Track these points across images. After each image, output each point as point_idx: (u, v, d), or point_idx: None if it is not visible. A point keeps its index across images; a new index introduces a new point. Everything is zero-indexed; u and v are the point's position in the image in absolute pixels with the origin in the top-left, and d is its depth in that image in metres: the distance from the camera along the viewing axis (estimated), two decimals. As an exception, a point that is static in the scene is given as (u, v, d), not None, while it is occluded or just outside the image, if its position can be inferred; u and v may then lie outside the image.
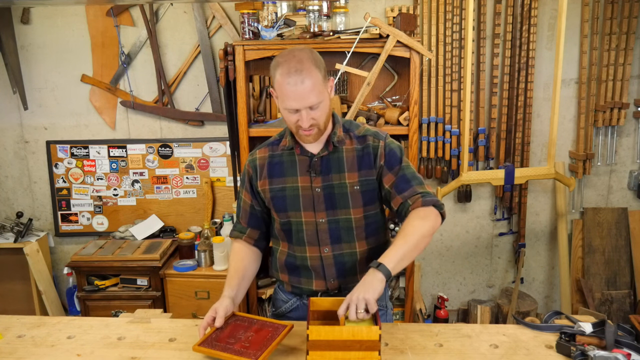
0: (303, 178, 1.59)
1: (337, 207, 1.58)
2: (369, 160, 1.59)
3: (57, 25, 3.03)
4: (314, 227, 1.60)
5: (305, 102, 1.44)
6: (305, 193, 1.59)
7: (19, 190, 3.29)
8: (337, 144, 1.58)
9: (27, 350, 1.50)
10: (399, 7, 2.87)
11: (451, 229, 3.26)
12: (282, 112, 1.52)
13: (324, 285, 1.64)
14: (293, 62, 1.43)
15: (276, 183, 1.61)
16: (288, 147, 1.60)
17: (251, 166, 1.66)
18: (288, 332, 1.47)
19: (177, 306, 2.77)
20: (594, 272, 3.13)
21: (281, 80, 1.44)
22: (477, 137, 3.03)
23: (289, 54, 1.47)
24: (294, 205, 1.59)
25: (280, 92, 1.46)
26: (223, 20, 2.93)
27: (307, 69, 1.42)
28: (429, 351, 1.46)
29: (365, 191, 1.59)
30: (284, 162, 1.62)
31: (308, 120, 1.46)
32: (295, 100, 1.44)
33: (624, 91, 2.96)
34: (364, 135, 1.61)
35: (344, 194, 1.58)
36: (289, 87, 1.42)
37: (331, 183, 1.58)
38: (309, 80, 1.42)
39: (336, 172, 1.58)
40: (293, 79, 1.42)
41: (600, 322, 1.49)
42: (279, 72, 1.44)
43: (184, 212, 3.21)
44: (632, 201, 3.18)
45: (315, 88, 1.44)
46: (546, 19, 2.93)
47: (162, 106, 3.08)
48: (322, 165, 1.58)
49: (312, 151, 1.59)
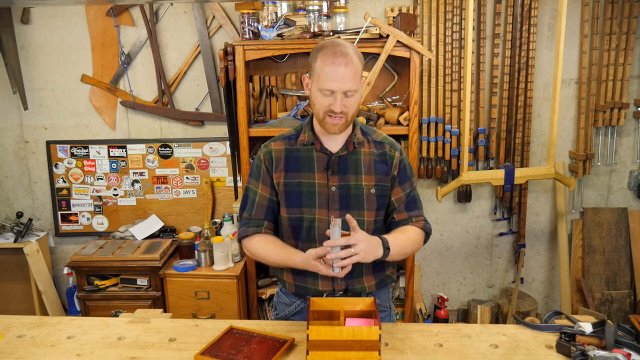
0: (320, 175, 1.59)
1: (351, 207, 1.59)
2: (385, 167, 1.62)
3: (57, 25, 3.03)
4: (326, 226, 1.59)
5: (344, 85, 1.47)
6: (321, 190, 1.59)
7: (19, 190, 3.29)
8: (357, 145, 1.60)
9: (27, 350, 1.50)
10: (399, 7, 2.87)
11: (451, 229, 3.26)
12: (314, 96, 1.53)
13: (330, 286, 1.64)
14: (339, 47, 1.48)
15: (291, 177, 1.60)
16: (308, 142, 1.61)
17: (267, 157, 1.63)
18: (289, 346, 1.46)
19: (177, 306, 2.77)
20: (594, 272, 3.13)
21: (324, 60, 1.47)
22: (477, 137, 3.03)
23: (335, 41, 1.53)
24: (309, 202, 1.59)
25: (320, 72, 1.48)
26: (223, 20, 2.93)
27: (351, 56, 1.47)
28: (429, 351, 1.46)
29: (380, 196, 1.61)
30: (301, 157, 1.61)
31: (341, 105, 1.48)
32: (335, 82, 1.46)
33: (624, 91, 2.96)
34: (381, 142, 1.64)
35: (360, 195, 1.59)
36: (331, 67, 1.46)
37: (348, 183, 1.59)
38: (352, 66, 1.46)
39: (353, 173, 1.59)
40: (338, 60, 1.45)
41: (600, 322, 1.50)
42: (322, 53, 1.48)
43: (184, 212, 3.21)
44: (632, 201, 3.18)
45: (355, 76, 1.48)
46: (546, 19, 2.93)
47: (162, 106, 3.08)
48: (340, 164, 1.59)
49: (332, 150, 1.60)
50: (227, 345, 1.46)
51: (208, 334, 1.55)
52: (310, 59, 1.54)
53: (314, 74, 1.51)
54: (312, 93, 1.53)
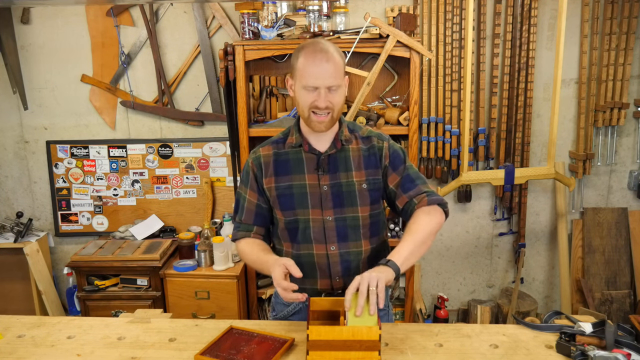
0: (310, 176, 1.59)
1: (344, 205, 1.59)
2: (375, 160, 1.61)
3: (57, 25, 3.03)
4: (321, 225, 1.60)
5: (326, 80, 1.48)
6: (313, 191, 1.59)
7: (19, 190, 3.29)
8: (344, 142, 1.60)
9: (27, 350, 1.50)
10: (399, 7, 2.87)
11: (451, 229, 3.25)
12: (298, 95, 1.54)
13: (328, 285, 1.64)
14: (319, 46, 1.51)
15: (282, 181, 1.61)
16: (296, 145, 1.61)
17: (255, 164, 1.64)
18: (289, 346, 1.46)
19: (177, 306, 2.77)
20: (594, 272, 3.13)
21: (306, 58, 1.50)
22: (477, 137, 3.03)
23: (315, 40, 1.55)
24: (302, 203, 1.59)
25: (302, 70, 1.50)
26: (223, 20, 2.93)
27: (331, 53, 1.50)
28: (429, 351, 1.46)
29: (372, 190, 1.61)
30: (290, 160, 1.61)
31: (325, 100, 1.49)
32: (317, 78, 1.48)
33: (624, 91, 2.96)
34: (368, 136, 1.64)
35: (352, 192, 1.59)
36: (312, 64, 1.48)
37: (339, 181, 1.59)
38: (333, 62, 1.49)
39: (343, 171, 1.60)
40: (318, 56, 1.48)
41: (600, 322, 1.50)
42: (304, 52, 1.51)
43: (184, 212, 3.21)
44: (632, 201, 3.18)
45: (337, 71, 1.50)
46: (546, 19, 2.93)
47: (162, 106, 3.08)
48: (329, 163, 1.60)
49: (320, 149, 1.60)
50: (227, 345, 1.46)
51: (208, 334, 1.55)
52: (292, 59, 1.56)
53: (297, 73, 1.52)
54: (296, 92, 1.55)
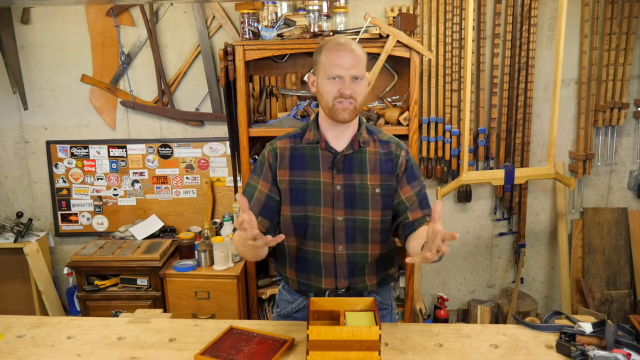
0: (325, 174, 1.59)
1: (356, 206, 1.59)
2: (391, 166, 1.61)
3: (57, 25, 3.03)
4: (330, 224, 1.59)
5: (350, 70, 1.51)
6: (326, 189, 1.59)
7: (19, 190, 3.29)
8: (362, 144, 1.60)
9: (27, 350, 1.50)
10: (399, 7, 2.87)
11: (451, 229, 3.25)
12: (321, 88, 1.55)
13: (333, 284, 1.64)
14: (342, 39, 1.55)
15: (297, 175, 1.61)
16: (313, 141, 1.61)
17: (272, 154, 1.63)
18: (289, 346, 1.46)
19: (177, 306, 2.77)
20: (594, 272, 3.13)
21: (329, 51, 1.52)
22: (477, 137, 3.03)
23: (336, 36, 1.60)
24: (314, 200, 1.59)
25: (326, 62, 1.52)
26: (223, 20, 2.93)
27: (354, 46, 1.54)
28: (429, 351, 1.46)
29: (385, 195, 1.61)
30: (306, 155, 1.61)
31: (350, 88, 1.51)
32: (341, 67, 1.50)
33: (624, 91, 2.96)
34: (387, 142, 1.64)
35: (365, 194, 1.59)
36: (337, 55, 1.51)
37: (353, 182, 1.59)
38: (356, 54, 1.52)
39: (358, 172, 1.59)
40: (342, 48, 1.52)
41: (600, 322, 1.50)
42: (326, 47, 1.54)
43: (184, 212, 3.21)
44: (632, 201, 3.18)
45: (360, 62, 1.53)
46: (546, 19, 2.93)
47: (162, 106, 3.08)
48: (345, 163, 1.59)
49: (337, 148, 1.60)
50: (227, 345, 1.46)
51: (208, 334, 1.55)
52: (314, 57, 1.58)
53: (320, 66, 1.54)
54: (320, 85, 1.55)
